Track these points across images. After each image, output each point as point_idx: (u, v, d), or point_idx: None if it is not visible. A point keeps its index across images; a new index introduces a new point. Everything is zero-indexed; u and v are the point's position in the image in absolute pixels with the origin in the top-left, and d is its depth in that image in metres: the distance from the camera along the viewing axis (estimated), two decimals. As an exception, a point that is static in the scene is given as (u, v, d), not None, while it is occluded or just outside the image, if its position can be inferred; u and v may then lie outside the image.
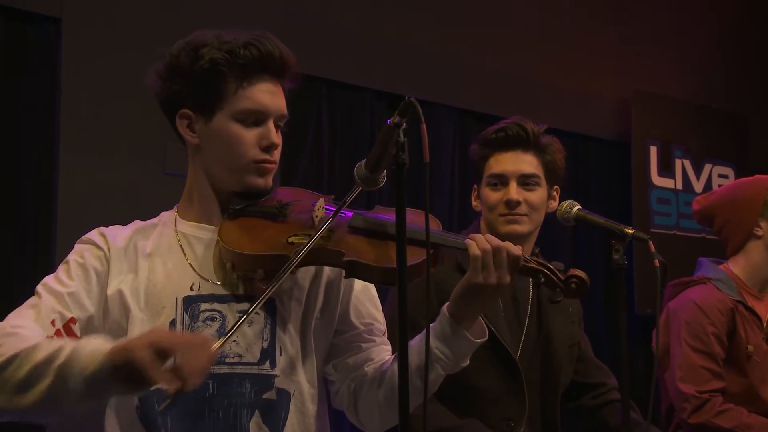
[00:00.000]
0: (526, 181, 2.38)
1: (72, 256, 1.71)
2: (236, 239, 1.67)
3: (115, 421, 1.69)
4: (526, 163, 2.38)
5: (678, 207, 5.09)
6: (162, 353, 1.36)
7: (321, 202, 1.73)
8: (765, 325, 2.82)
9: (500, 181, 2.39)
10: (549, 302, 1.89)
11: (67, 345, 1.45)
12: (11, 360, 1.46)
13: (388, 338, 1.88)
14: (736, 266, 2.88)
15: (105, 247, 1.71)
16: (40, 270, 3.09)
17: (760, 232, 2.84)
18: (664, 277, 1.96)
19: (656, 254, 1.95)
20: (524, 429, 2.31)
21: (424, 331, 1.71)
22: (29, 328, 1.56)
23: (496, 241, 1.70)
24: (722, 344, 2.73)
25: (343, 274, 1.69)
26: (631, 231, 2.04)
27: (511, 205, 2.35)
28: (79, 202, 3.17)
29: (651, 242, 1.98)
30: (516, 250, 1.70)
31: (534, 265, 1.77)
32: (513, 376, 2.31)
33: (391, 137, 1.53)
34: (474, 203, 2.50)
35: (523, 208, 2.36)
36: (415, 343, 1.74)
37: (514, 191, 2.36)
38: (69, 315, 1.62)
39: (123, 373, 1.38)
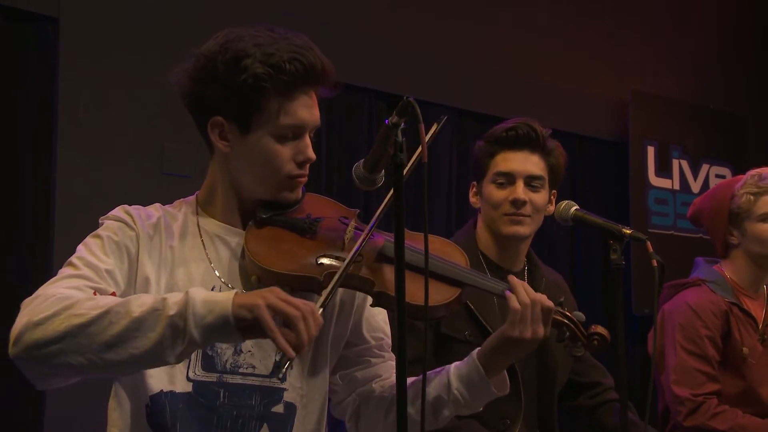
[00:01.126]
0: (532, 182, 2.38)
1: (105, 232, 1.65)
2: (264, 253, 1.65)
3: (121, 420, 1.66)
4: (533, 164, 2.38)
5: (675, 207, 5.09)
6: (281, 316, 1.42)
7: (352, 224, 1.73)
8: (760, 326, 2.82)
9: (507, 179, 2.38)
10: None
11: (168, 296, 1.46)
12: (101, 316, 1.43)
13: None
14: (728, 269, 2.88)
15: (136, 228, 1.67)
16: (38, 269, 3.10)
17: (735, 240, 2.86)
18: (661, 277, 1.96)
19: (654, 254, 1.95)
20: (520, 427, 2.31)
21: (445, 367, 1.75)
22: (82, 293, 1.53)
23: (533, 294, 1.72)
24: (716, 347, 2.73)
25: (371, 302, 1.69)
26: (628, 231, 2.04)
27: (518, 204, 2.35)
28: (76, 201, 3.16)
29: (649, 242, 1.99)
30: (549, 303, 1.73)
31: (560, 318, 1.78)
32: (509, 374, 2.31)
33: (390, 137, 1.53)
34: (472, 200, 2.49)
35: (527, 209, 2.36)
36: (435, 379, 1.76)
37: (521, 190, 2.36)
38: (110, 290, 1.58)
39: (243, 325, 1.43)
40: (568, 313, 1.80)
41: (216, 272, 1.68)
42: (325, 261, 1.65)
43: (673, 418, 2.74)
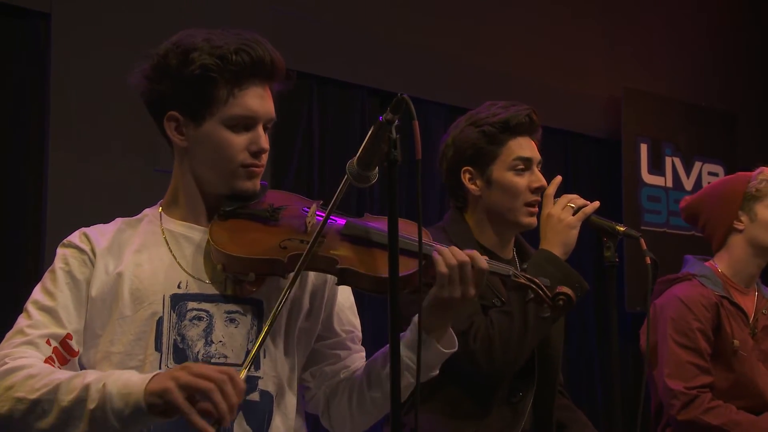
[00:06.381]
0: (540, 168, 2.34)
1: (57, 264, 1.70)
2: (228, 241, 1.67)
3: None
4: (536, 150, 2.36)
5: (668, 205, 5.11)
6: (196, 393, 1.44)
7: (314, 208, 1.74)
8: (751, 319, 2.83)
9: (526, 165, 2.32)
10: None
11: (91, 383, 1.50)
12: (35, 405, 1.51)
13: None
14: (721, 262, 2.89)
15: (88, 249, 1.70)
16: (29, 267, 3.08)
17: (740, 226, 2.85)
18: (654, 274, 1.96)
19: (647, 252, 1.96)
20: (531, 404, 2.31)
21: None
22: (28, 357, 1.58)
23: (461, 256, 1.69)
24: (708, 339, 2.74)
25: (335, 281, 1.69)
26: (622, 228, 2.05)
27: (540, 191, 2.30)
28: (68, 199, 3.15)
29: (642, 239, 1.99)
30: (483, 263, 1.70)
31: (523, 281, 1.77)
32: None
33: (384, 134, 1.53)
34: (472, 187, 2.36)
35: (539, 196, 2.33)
36: (386, 352, 1.75)
37: (541, 176, 2.32)
38: (64, 332, 1.63)
39: (159, 410, 1.48)
40: (530, 277, 1.78)
41: (182, 267, 1.70)
42: (288, 244, 1.66)
43: (667, 413, 2.74)
